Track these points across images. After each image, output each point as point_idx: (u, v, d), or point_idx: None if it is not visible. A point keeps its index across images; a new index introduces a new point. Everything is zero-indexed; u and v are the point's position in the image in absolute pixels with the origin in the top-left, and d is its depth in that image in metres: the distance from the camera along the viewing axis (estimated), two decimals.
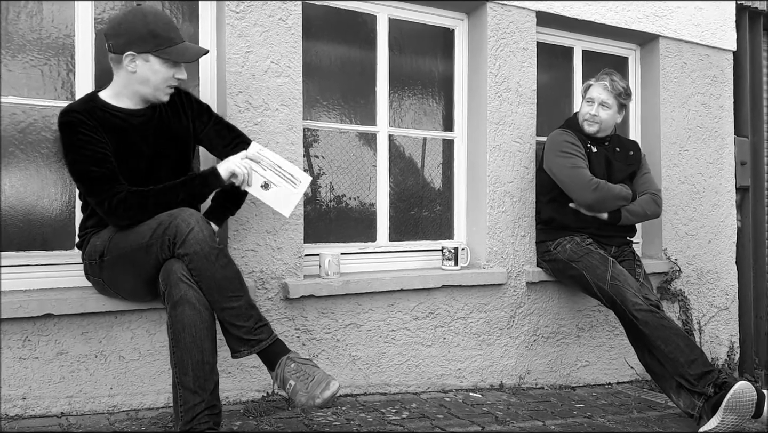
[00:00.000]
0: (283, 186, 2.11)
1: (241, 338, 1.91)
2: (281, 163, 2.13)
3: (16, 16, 2.27)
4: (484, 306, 3.02)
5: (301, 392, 1.86)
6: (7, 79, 2.25)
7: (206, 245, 1.86)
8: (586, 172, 2.90)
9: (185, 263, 1.87)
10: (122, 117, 2.08)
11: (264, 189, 2.10)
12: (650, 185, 3.09)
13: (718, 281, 3.87)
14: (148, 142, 2.13)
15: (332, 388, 1.86)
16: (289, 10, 2.58)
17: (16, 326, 2.10)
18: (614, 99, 2.95)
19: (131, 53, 1.99)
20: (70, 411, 2.18)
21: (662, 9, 3.62)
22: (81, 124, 1.97)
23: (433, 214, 3.19)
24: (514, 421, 2.49)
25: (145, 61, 2.01)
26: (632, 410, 2.84)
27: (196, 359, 1.82)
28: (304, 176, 2.15)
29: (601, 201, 2.91)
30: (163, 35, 2.01)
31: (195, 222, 1.87)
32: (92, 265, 2.09)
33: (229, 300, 1.88)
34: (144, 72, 2.03)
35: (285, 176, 2.12)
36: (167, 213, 1.92)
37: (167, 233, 1.87)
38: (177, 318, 1.84)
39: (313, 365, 1.92)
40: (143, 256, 1.93)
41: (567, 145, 2.94)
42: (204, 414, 1.81)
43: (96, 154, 1.98)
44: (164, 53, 2.01)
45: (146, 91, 2.07)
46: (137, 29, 1.98)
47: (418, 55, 3.14)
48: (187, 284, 1.85)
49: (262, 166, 2.10)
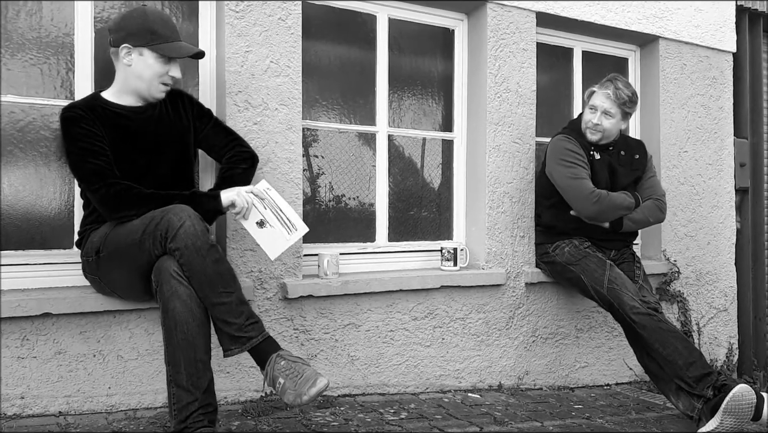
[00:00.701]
0: (278, 229, 2.11)
1: (231, 335, 1.89)
2: (283, 206, 2.14)
3: (15, 14, 2.26)
4: (483, 307, 3.02)
5: (290, 390, 1.85)
6: (6, 77, 2.25)
7: (198, 240, 1.85)
8: (588, 183, 2.84)
9: (176, 258, 1.87)
10: (122, 114, 2.13)
11: (258, 227, 2.11)
12: (655, 190, 3.02)
13: (717, 282, 3.87)
14: (148, 140, 2.16)
15: (319, 384, 1.83)
16: (288, 9, 2.58)
17: (15, 325, 2.10)
18: (618, 108, 2.85)
19: (127, 45, 2.09)
20: (68, 410, 2.18)
21: (662, 10, 3.62)
22: (80, 119, 2.04)
23: (432, 214, 3.19)
24: (513, 422, 2.49)
25: (140, 54, 2.09)
26: (631, 412, 2.84)
27: (189, 356, 1.82)
28: (302, 226, 2.15)
29: (603, 213, 2.86)
30: (159, 32, 2.09)
31: (187, 217, 1.87)
32: (89, 262, 2.10)
33: (219, 295, 1.87)
34: (138, 66, 2.10)
35: (283, 220, 2.12)
36: (160, 209, 1.93)
37: (159, 228, 1.88)
38: (168, 315, 1.84)
39: (304, 363, 1.90)
40: (137, 251, 1.93)
41: (568, 153, 2.87)
42: (198, 413, 1.80)
43: (93, 147, 2.03)
44: (158, 48, 2.09)
45: (141, 86, 2.13)
46: (136, 24, 2.08)
47: (418, 56, 3.14)
48: (177, 281, 1.85)
49: (264, 204, 2.11)
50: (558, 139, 2.95)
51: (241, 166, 2.28)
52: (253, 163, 2.34)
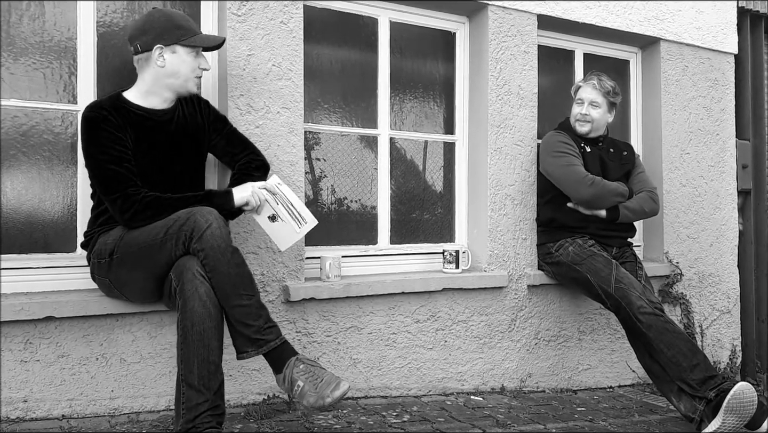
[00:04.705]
0: (289, 222, 2.18)
1: (249, 337, 1.91)
2: (294, 201, 2.19)
3: (18, 19, 2.27)
4: (486, 309, 3.02)
5: (310, 393, 1.88)
6: (9, 82, 2.26)
7: (223, 242, 1.89)
8: (581, 168, 2.93)
9: (200, 258, 1.88)
10: (146, 116, 2.14)
11: (271, 221, 2.18)
12: (645, 184, 3.11)
13: (720, 284, 3.86)
14: (168, 140, 2.18)
15: (342, 388, 1.89)
16: (290, 13, 2.59)
17: (18, 328, 2.10)
18: (603, 97, 3.01)
19: (160, 46, 2.09)
20: (71, 414, 2.18)
21: (663, 12, 3.62)
22: (105, 120, 2.02)
23: (434, 217, 3.19)
24: (516, 424, 2.49)
25: (173, 52, 2.11)
26: (634, 414, 2.84)
27: (202, 357, 1.83)
28: (312, 219, 2.22)
29: (598, 197, 2.91)
30: (185, 26, 2.12)
31: (214, 219, 1.90)
32: (100, 264, 2.09)
33: (240, 297, 1.90)
34: (173, 63, 2.12)
35: (294, 214, 2.18)
36: (185, 210, 1.94)
37: (184, 228, 1.89)
38: (186, 314, 1.84)
39: (321, 367, 1.95)
40: (156, 252, 1.94)
41: (561, 144, 2.98)
42: (207, 414, 1.80)
43: (115, 153, 2.01)
44: (190, 41, 2.12)
45: (177, 83, 2.15)
46: (162, 23, 2.10)
47: (420, 58, 3.14)
48: (200, 280, 1.86)
49: (276, 199, 2.16)
50: (549, 135, 3.08)
51: (255, 174, 2.31)
52: (266, 171, 2.36)
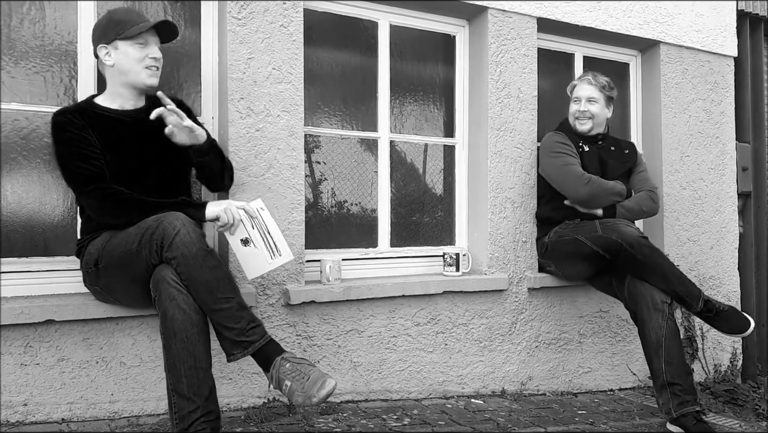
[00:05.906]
0: (262, 251, 2.07)
1: (233, 340, 1.88)
2: (273, 230, 2.08)
3: (19, 22, 2.28)
4: (486, 312, 3.02)
5: (297, 392, 1.84)
6: (10, 85, 2.26)
7: (193, 247, 1.84)
8: (578, 168, 2.94)
9: (173, 267, 1.85)
10: (113, 117, 2.14)
11: (243, 244, 2.06)
12: (646, 183, 3.10)
13: (721, 287, 3.86)
14: (140, 142, 2.15)
15: (328, 386, 1.83)
16: (290, 16, 2.59)
17: (18, 332, 2.10)
18: (600, 92, 3.04)
19: (103, 45, 2.11)
20: (71, 417, 2.18)
21: (663, 15, 3.63)
22: (70, 123, 2.05)
23: (435, 220, 3.19)
24: (516, 427, 2.48)
25: (116, 49, 2.12)
26: (635, 417, 2.83)
27: (189, 364, 1.80)
28: (287, 253, 2.10)
29: (595, 195, 2.91)
30: (123, 19, 2.11)
31: (181, 225, 1.86)
32: (89, 273, 2.09)
33: (218, 302, 1.86)
34: (119, 60, 2.12)
35: (269, 243, 2.07)
36: (154, 217, 1.92)
37: (154, 237, 1.87)
38: (167, 324, 1.82)
39: (309, 364, 1.89)
40: (134, 261, 1.92)
41: (558, 145, 3.00)
42: (200, 421, 1.78)
43: (82, 152, 2.03)
44: (127, 33, 2.10)
45: (129, 78, 2.14)
46: (103, 24, 2.14)
47: (420, 62, 3.14)
48: (176, 289, 1.83)
49: (253, 223, 2.06)
50: (547, 136, 3.09)
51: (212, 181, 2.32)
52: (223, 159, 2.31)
